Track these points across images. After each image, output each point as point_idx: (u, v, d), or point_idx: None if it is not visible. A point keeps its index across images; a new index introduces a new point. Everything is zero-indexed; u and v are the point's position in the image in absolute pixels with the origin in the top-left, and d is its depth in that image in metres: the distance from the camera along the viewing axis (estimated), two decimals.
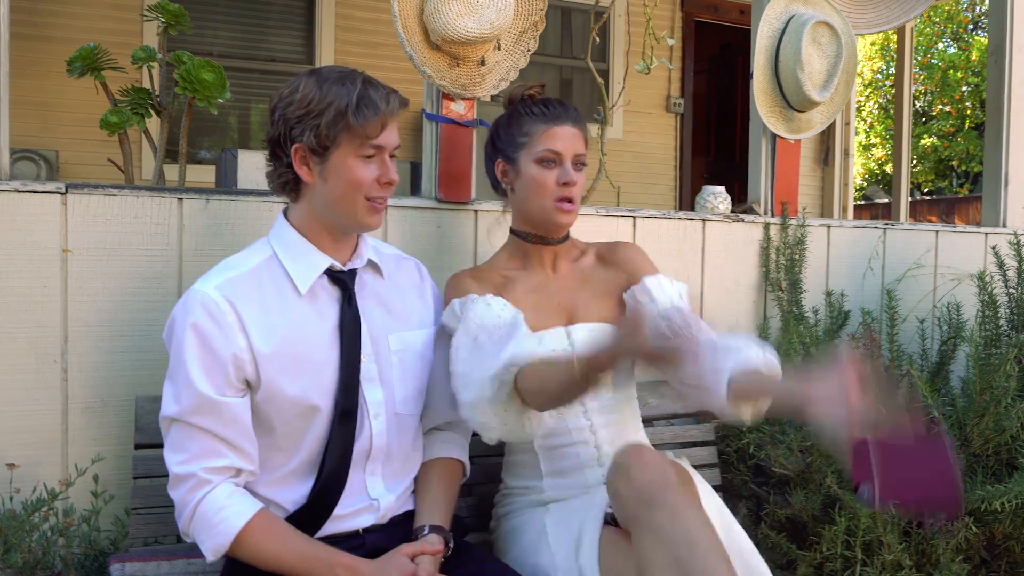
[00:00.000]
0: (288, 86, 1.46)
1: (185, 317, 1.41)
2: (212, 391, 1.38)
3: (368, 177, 1.46)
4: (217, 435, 1.39)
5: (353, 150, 1.44)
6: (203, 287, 1.42)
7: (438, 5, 2.01)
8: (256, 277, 1.46)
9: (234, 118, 5.12)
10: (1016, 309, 2.47)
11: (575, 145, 1.74)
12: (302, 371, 1.45)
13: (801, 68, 2.54)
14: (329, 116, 1.40)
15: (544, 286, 1.79)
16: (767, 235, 2.60)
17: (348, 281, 1.52)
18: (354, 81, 1.44)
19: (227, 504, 1.38)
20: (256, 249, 1.52)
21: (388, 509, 1.53)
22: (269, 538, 1.38)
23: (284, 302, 1.47)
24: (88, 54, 2.22)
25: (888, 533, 1.98)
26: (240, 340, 1.40)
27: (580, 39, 5.98)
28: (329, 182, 1.45)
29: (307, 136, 1.41)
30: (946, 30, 14.43)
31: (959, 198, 12.00)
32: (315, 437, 1.47)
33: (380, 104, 1.43)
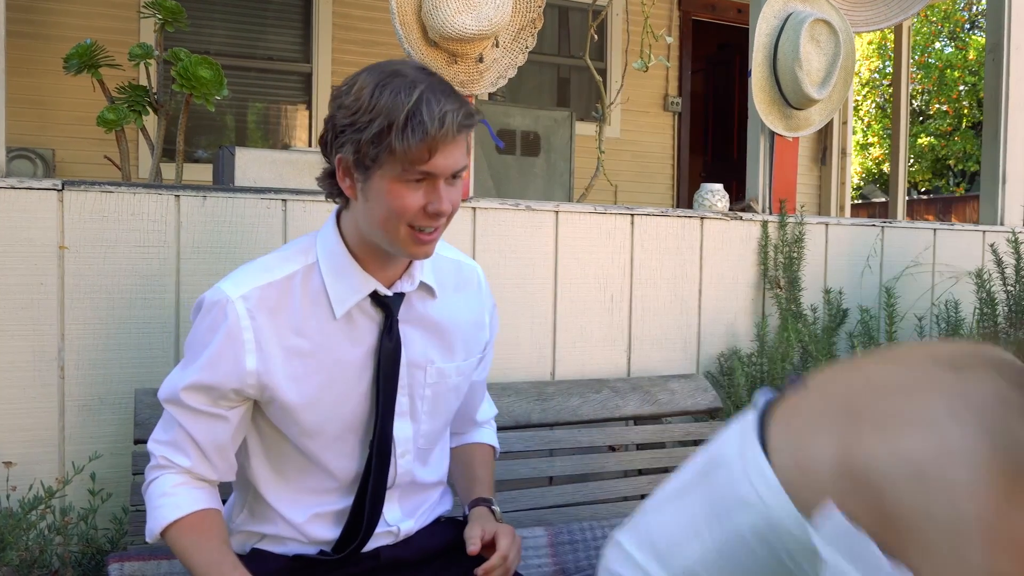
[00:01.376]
0: (348, 80, 1.25)
1: (204, 317, 1.31)
2: (199, 400, 1.31)
3: (413, 205, 1.23)
4: (189, 434, 1.32)
5: (396, 174, 1.21)
6: (230, 291, 1.28)
7: (436, 2, 2.00)
8: (290, 286, 1.31)
9: (231, 117, 5.11)
10: (1014, 306, 2.47)
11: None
12: (321, 403, 1.32)
13: (799, 65, 2.54)
14: (371, 133, 1.19)
15: None
16: (765, 233, 2.60)
17: (392, 306, 1.34)
18: (411, 92, 1.19)
19: (171, 493, 1.31)
20: (299, 250, 1.35)
21: (408, 532, 1.45)
22: (188, 537, 1.29)
23: (315, 321, 1.31)
24: (85, 51, 2.21)
25: None
26: (249, 362, 1.28)
27: (578, 37, 5.98)
28: (370, 202, 1.25)
29: (347, 149, 1.22)
30: (943, 29, 14.44)
31: (956, 197, 12.02)
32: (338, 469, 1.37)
33: (430, 126, 1.18)
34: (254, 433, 1.39)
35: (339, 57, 5.10)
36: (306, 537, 1.39)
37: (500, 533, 1.39)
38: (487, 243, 2.19)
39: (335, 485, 1.39)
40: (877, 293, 2.73)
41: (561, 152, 4.35)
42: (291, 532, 1.39)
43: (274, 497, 1.39)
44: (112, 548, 1.75)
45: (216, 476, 1.36)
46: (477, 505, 1.49)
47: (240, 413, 1.33)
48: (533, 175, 4.34)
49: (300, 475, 1.39)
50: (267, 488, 1.40)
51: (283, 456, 1.39)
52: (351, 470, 1.37)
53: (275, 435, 1.37)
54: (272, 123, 5.23)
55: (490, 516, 1.46)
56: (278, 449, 1.38)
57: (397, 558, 1.44)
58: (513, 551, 1.38)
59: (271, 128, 5.22)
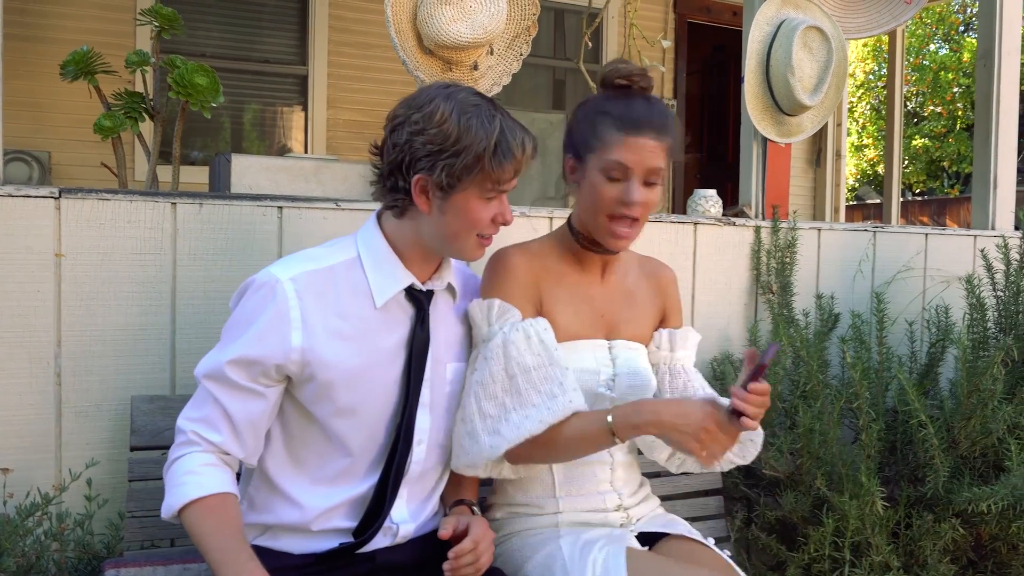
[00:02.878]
0: (418, 107, 1.38)
1: (251, 296, 1.38)
2: (240, 375, 1.36)
3: (487, 217, 1.42)
4: (225, 410, 1.37)
5: (480, 192, 1.39)
6: (280, 274, 1.38)
7: (431, 10, 2.02)
8: (334, 275, 1.42)
9: (227, 119, 5.12)
10: (1004, 312, 2.49)
11: (649, 159, 1.55)
12: (358, 382, 1.41)
13: (792, 72, 2.56)
14: (468, 159, 1.35)
15: (589, 292, 1.69)
16: (758, 238, 2.62)
17: (425, 301, 1.48)
18: (492, 119, 1.38)
19: (197, 471, 1.35)
20: (340, 247, 1.47)
21: (406, 535, 1.50)
22: (208, 519, 1.33)
23: (356, 308, 1.42)
24: (81, 58, 2.22)
25: (876, 534, 2.00)
26: (295, 339, 1.36)
27: (574, 40, 6.00)
28: (447, 216, 1.40)
29: (438, 172, 1.36)
30: (937, 32, 14.49)
31: (950, 199, 12.06)
32: (361, 452, 1.44)
33: (516, 151, 1.38)
34: (276, 422, 1.45)
35: (335, 60, 5.11)
36: (315, 528, 1.43)
37: (473, 523, 1.46)
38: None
39: (354, 471, 1.45)
40: (869, 298, 2.76)
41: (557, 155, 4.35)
42: (298, 521, 1.43)
43: (289, 485, 1.44)
44: (108, 554, 1.76)
45: (244, 455, 1.41)
46: (458, 505, 1.56)
47: (276, 393, 1.41)
48: (529, 178, 4.35)
49: (319, 461, 1.44)
50: (283, 477, 1.45)
51: (305, 442, 1.44)
52: (373, 453, 1.45)
53: (301, 419, 1.44)
54: (268, 126, 5.24)
55: (468, 513, 1.54)
56: (301, 435, 1.44)
57: (392, 562, 1.48)
58: (486, 540, 1.44)
59: (267, 130, 5.23)
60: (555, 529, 1.62)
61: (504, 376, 1.51)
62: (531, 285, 1.62)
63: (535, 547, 1.58)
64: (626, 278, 1.75)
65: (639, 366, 1.69)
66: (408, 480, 1.49)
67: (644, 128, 1.55)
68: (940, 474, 2.05)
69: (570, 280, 1.67)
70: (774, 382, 2.30)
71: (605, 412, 1.48)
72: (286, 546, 1.45)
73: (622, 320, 1.71)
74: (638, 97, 1.59)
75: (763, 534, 2.17)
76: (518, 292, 1.59)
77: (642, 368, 1.70)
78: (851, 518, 1.98)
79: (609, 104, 1.58)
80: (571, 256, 1.69)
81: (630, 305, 1.73)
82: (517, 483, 1.66)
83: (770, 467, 2.14)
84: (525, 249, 1.66)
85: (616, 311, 1.71)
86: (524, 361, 1.52)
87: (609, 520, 1.66)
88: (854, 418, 2.17)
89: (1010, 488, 1.97)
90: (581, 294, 1.68)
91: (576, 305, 1.66)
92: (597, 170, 1.57)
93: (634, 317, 1.73)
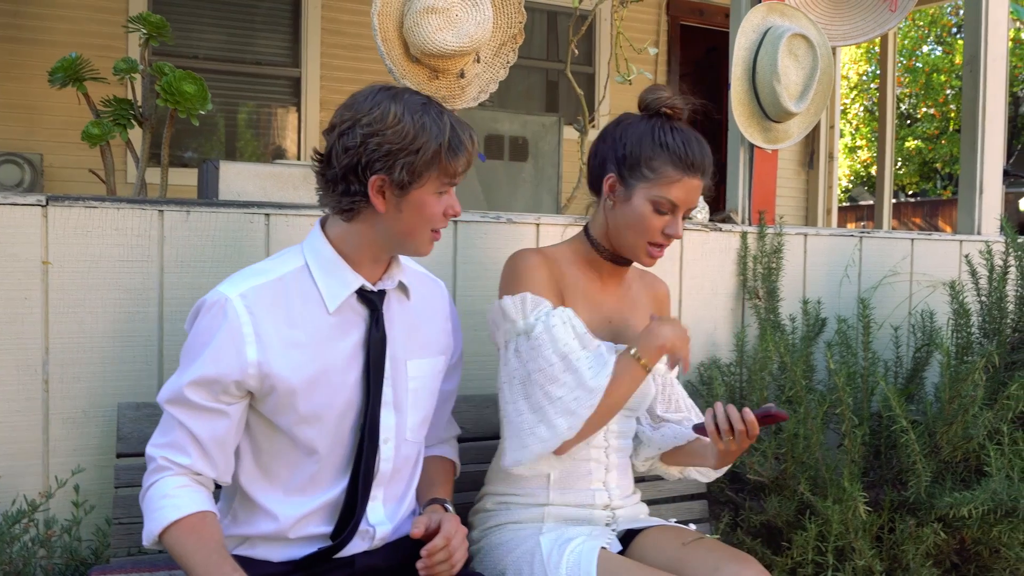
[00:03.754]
0: (367, 110, 1.40)
1: (203, 318, 1.40)
2: (201, 395, 1.38)
3: (438, 212, 1.46)
4: (191, 432, 1.38)
5: (435, 187, 1.43)
6: (228, 292, 1.40)
7: (417, 19, 2.03)
8: (283, 286, 1.44)
9: (221, 121, 5.12)
10: (987, 317, 2.51)
11: (693, 199, 1.69)
12: (318, 388, 1.43)
13: (778, 80, 2.58)
14: (427, 155, 1.39)
15: (599, 298, 1.78)
16: (744, 244, 2.64)
17: (377, 302, 1.50)
18: (442, 116, 1.42)
19: (172, 494, 1.37)
20: (287, 257, 1.49)
21: (383, 538, 1.52)
22: (189, 538, 1.34)
23: (309, 316, 1.44)
24: (70, 65, 2.23)
25: (860, 539, 2.02)
26: (250, 353, 1.38)
27: (566, 42, 6.00)
28: (403, 213, 1.43)
29: (398, 171, 1.38)
30: (930, 33, 14.54)
31: (943, 200, 12.10)
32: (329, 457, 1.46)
33: (468, 144, 1.44)
34: (244, 437, 1.47)
35: (327, 62, 5.12)
36: (292, 536, 1.45)
37: (444, 520, 1.48)
38: (468, 255, 2.22)
39: (324, 476, 1.46)
40: (855, 303, 2.77)
41: (549, 157, 4.38)
42: (276, 530, 1.45)
43: (263, 497, 1.46)
44: (95, 560, 1.77)
45: (216, 474, 1.42)
46: (431, 504, 1.58)
47: (240, 410, 1.42)
48: (521, 180, 4.36)
49: (289, 470, 1.46)
50: (256, 489, 1.47)
51: (274, 454, 1.46)
52: (341, 456, 1.48)
53: (267, 431, 1.45)
54: (260, 127, 5.25)
55: (441, 511, 1.55)
56: (269, 447, 1.46)
57: (371, 566, 1.50)
58: (458, 537, 1.46)
59: (259, 132, 5.24)
60: (539, 524, 1.69)
61: (557, 359, 1.59)
62: (553, 282, 1.71)
63: (518, 541, 1.66)
64: (631, 288, 1.85)
65: None
66: (380, 480, 1.51)
67: (697, 170, 1.68)
68: (922, 479, 2.07)
69: (582, 285, 1.76)
70: (759, 388, 2.32)
71: (626, 353, 1.63)
72: (265, 554, 1.47)
73: (628, 327, 1.80)
74: (688, 132, 1.70)
75: (748, 538, 2.19)
76: (543, 286, 1.68)
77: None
78: (834, 522, 2.00)
79: (666, 136, 1.67)
80: (585, 263, 1.78)
81: (633, 313, 1.82)
82: (511, 475, 1.72)
83: (755, 471, 2.16)
84: (541, 251, 1.75)
85: (622, 318, 1.80)
86: (570, 343, 1.60)
87: (594, 517, 1.72)
88: (839, 423, 2.19)
89: (991, 493, 1.99)
90: (592, 299, 1.76)
91: (587, 309, 1.73)
92: (647, 200, 1.67)
93: (636, 325, 1.80)
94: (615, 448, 1.76)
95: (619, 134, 1.71)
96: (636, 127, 1.70)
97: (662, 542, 1.68)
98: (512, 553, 1.65)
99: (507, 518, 1.73)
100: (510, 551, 1.65)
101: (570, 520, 1.71)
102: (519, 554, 1.63)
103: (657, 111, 1.70)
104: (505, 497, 1.75)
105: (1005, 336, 2.45)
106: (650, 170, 1.66)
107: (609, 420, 1.66)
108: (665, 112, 1.70)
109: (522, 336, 1.63)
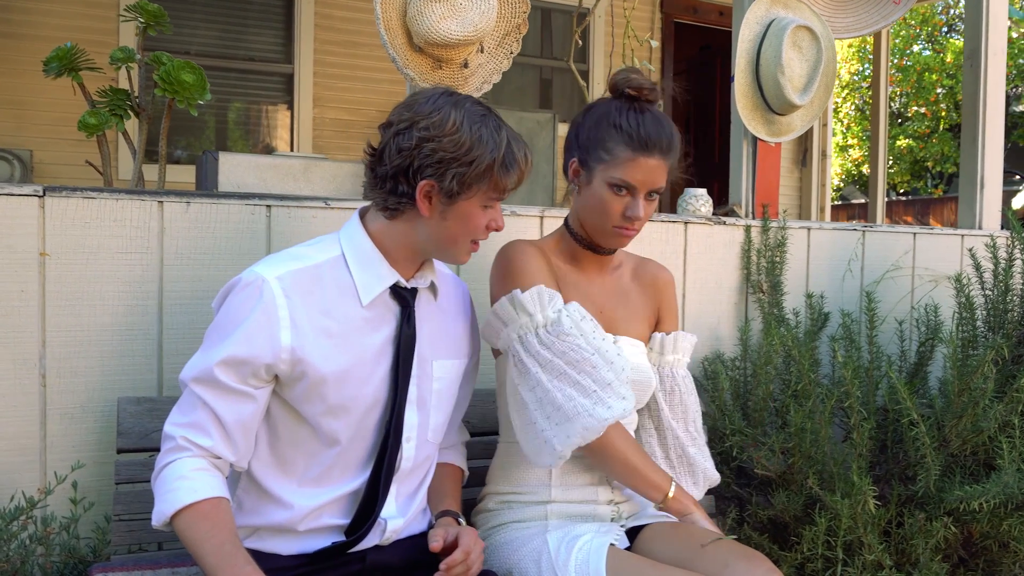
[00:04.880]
0: (426, 113, 1.39)
1: (237, 295, 1.37)
2: (230, 376, 1.34)
3: (482, 224, 1.45)
4: (215, 413, 1.35)
5: (483, 200, 1.43)
6: (266, 273, 1.37)
7: (421, 8, 2.00)
8: (319, 274, 1.42)
9: (212, 118, 5.08)
10: (992, 311, 2.50)
11: (654, 179, 1.63)
12: (347, 380, 1.41)
13: (782, 71, 2.56)
14: (480, 168, 1.38)
15: (588, 290, 1.75)
16: (748, 237, 2.62)
17: (410, 299, 1.49)
18: (500, 130, 1.42)
19: (188, 476, 1.33)
20: (324, 245, 1.47)
21: (394, 532, 1.50)
22: (203, 524, 1.30)
23: (342, 307, 1.42)
24: (65, 54, 2.19)
25: (869, 533, 2.00)
26: (284, 338, 1.36)
27: (561, 39, 5.99)
28: (448, 222, 1.43)
29: (448, 180, 1.38)
30: (921, 33, 14.60)
31: (934, 199, 12.16)
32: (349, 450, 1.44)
33: (521, 162, 1.43)
34: (263, 423, 1.43)
35: (321, 58, 5.08)
36: (303, 528, 1.43)
37: (462, 533, 1.46)
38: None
39: (342, 468, 1.44)
40: (858, 297, 2.76)
41: (544, 154, 4.36)
42: (287, 520, 1.42)
43: (275, 485, 1.43)
44: (95, 558, 1.73)
45: (235, 458, 1.39)
46: (443, 516, 1.57)
47: (265, 395, 1.40)
48: None
49: (307, 460, 1.43)
50: (267, 477, 1.43)
51: (294, 442, 1.43)
52: (363, 450, 1.46)
53: (290, 419, 1.43)
54: (253, 124, 5.20)
55: (455, 524, 1.54)
56: (290, 436, 1.43)
57: (382, 562, 1.48)
58: (476, 550, 1.44)
59: (252, 129, 5.19)
60: (544, 522, 1.67)
61: (591, 351, 1.58)
62: (551, 272, 1.69)
63: (524, 541, 1.63)
64: (621, 278, 1.81)
65: (641, 362, 1.75)
66: (398, 476, 1.49)
67: (653, 149, 1.61)
68: (931, 472, 2.05)
69: (571, 278, 1.74)
70: (765, 382, 2.30)
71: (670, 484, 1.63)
72: (275, 547, 1.44)
73: (619, 318, 1.76)
74: (647, 112, 1.64)
75: (755, 534, 2.17)
76: (546, 277, 1.67)
77: (644, 365, 1.76)
78: (843, 517, 1.98)
79: (620, 116, 1.62)
80: (569, 255, 1.76)
81: (625, 304, 1.78)
82: (516, 471, 1.71)
83: (762, 466, 2.13)
84: (532, 243, 1.72)
85: (613, 308, 1.76)
86: (598, 340, 1.60)
87: (599, 513, 1.70)
88: (845, 417, 2.17)
89: (1001, 486, 1.97)
90: (582, 291, 1.73)
91: (578, 301, 1.70)
92: (603, 182, 1.64)
93: (629, 315, 1.78)
94: None
95: (581, 119, 1.69)
96: (596, 110, 1.68)
97: (670, 537, 1.65)
98: (518, 552, 1.62)
99: (510, 517, 1.70)
100: (516, 550, 1.63)
101: (574, 517, 1.69)
102: (526, 553, 1.60)
103: (622, 93, 1.66)
104: (507, 496, 1.72)
105: (1010, 329, 2.44)
106: (605, 151, 1.63)
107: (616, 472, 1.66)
108: (629, 93, 1.65)
109: (543, 329, 1.60)
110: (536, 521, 1.68)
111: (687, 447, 1.80)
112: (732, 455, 2.19)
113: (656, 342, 1.82)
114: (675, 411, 1.81)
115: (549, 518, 1.67)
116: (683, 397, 1.82)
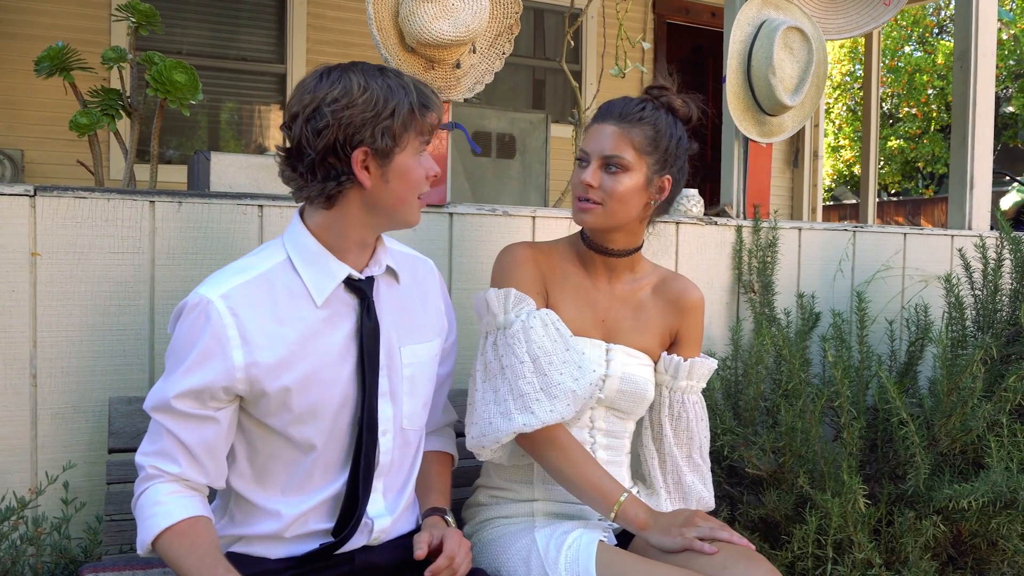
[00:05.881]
0: (329, 88, 1.35)
1: (185, 320, 1.35)
2: (189, 404, 1.34)
3: (422, 172, 1.42)
4: (179, 440, 1.35)
5: (415, 148, 1.40)
6: (210, 293, 1.34)
7: (413, 8, 2.01)
8: (267, 282, 1.39)
9: (204, 118, 5.07)
10: (982, 311, 2.52)
11: (604, 145, 1.62)
12: (312, 384, 1.39)
13: (773, 72, 2.57)
14: (403, 115, 1.36)
15: (592, 295, 1.73)
16: (739, 237, 2.63)
17: (367, 290, 1.45)
18: (401, 77, 1.40)
19: (163, 501, 1.34)
20: (268, 252, 1.44)
21: (382, 532, 1.48)
22: (182, 543, 1.31)
23: (296, 311, 1.39)
24: (56, 54, 2.18)
25: (859, 532, 2.01)
26: (236, 357, 1.33)
27: (553, 40, 6.00)
28: (391, 183, 1.39)
29: (380, 138, 1.35)
30: (912, 34, 14.65)
31: (925, 199, 12.20)
32: (326, 453, 1.43)
33: (434, 97, 1.42)
34: (239, 439, 1.43)
35: (313, 58, 5.07)
36: (289, 534, 1.42)
37: (447, 536, 1.45)
38: (464, 248, 2.20)
39: (322, 472, 1.43)
40: (849, 297, 2.78)
41: (536, 154, 4.36)
42: (276, 529, 1.42)
43: (260, 499, 1.43)
44: (86, 558, 1.73)
45: (207, 480, 1.39)
46: (430, 515, 1.55)
47: (229, 414, 1.38)
48: (509, 178, 4.34)
49: (287, 470, 1.42)
50: (251, 492, 1.43)
51: (271, 455, 1.42)
52: (340, 451, 1.44)
53: (262, 432, 1.41)
54: (245, 124, 5.19)
55: (442, 524, 1.52)
56: (266, 448, 1.42)
57: (371, 563, 1.48)
58: (460, 553, 1.44)
59: (244, 129, 5.19)
60: (531, 519, 1.68)
61: (528, 359, 1.58)
62: (539, 279, 1.69)
63: (512, 538, 1.63)
64: (638, 289, 1.77)
65: (635, 373, 1.71)
66: (380, 472, 1.48)
67: (607, 116, 1.65)
68: (921, 471, 2.06)
69: (575, 280, 1.73)
70: (756, 381, 2.31)
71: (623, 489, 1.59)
72: (263, 552, 1.44)
73: (624, 329, 1.73)
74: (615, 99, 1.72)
75: (746, 532, 2.17)
76: (529, 283, 1.68)
77: (639, 376, 1.71)
78: (834, 516, 1.99)
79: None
80: (577, 258, 1.75)
81: (635, 315, 1.75)
82: (501, 469, 1.72)
83: (752, 465, 2.14)
84: (533, 245, 1.74)
85: (618, 318, 1.74)
86: (544, 345, 1.60)
87: (585, 512, 1.70)
88: (835, 416, 2.18)
89: (990, 485, 1.98)
90: (584, 295, 1.72)
91: (579, 304, 1.71)
92: (575, 159, 1.70)
93: (637, 327, 1.74)
94: (602, 446, 1.72)
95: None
96: None
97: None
98: (508, 550, 1.62)
99: (499, 512, 1.71)
100: (505, 548, 1.63)
101: (561, 516, 1.69)
102: (515, 551, 1.60)
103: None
104: (496, 492, 1.73)
105: (999, 329, 2.46)
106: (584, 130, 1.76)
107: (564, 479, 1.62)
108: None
109: (500, 331, 1.63)
110: (523, 518, 1.69)
111: (684, 475, 1.76)
112: (723, 454, 2.20)
113: (671, 366, 1.75)
114: (679, 437, 1.76)
115: (536, 516, 1.68)
116: (690, 424, 1.76)
